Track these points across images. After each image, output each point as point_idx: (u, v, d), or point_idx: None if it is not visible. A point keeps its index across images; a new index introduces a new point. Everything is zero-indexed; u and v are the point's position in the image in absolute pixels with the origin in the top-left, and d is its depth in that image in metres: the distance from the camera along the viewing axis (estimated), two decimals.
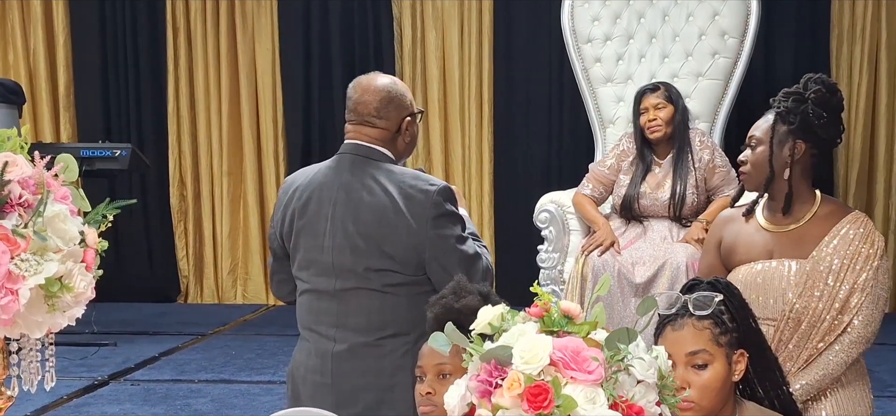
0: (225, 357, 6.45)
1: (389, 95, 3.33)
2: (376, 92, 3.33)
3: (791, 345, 3.25)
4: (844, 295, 3.22)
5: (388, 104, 3.32)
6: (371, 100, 3.32)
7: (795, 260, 3.27)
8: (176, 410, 5.31)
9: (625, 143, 5.47)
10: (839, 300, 3.22)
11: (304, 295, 3.39)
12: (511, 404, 1.86)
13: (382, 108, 3.32)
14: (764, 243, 3.33)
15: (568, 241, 5.51)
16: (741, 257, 3.35)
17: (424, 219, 3.22)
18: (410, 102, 3.41)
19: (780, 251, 3.30)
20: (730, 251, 3.38)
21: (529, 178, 7.72)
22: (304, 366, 3.35)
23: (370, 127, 3.33)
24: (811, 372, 3.24)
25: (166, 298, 8.39)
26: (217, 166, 8.30)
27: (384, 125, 3.33)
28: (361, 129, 3.34)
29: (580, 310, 1.99)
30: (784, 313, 3.24)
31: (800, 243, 3.29)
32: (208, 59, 8.20)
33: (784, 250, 3.30)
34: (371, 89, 3.34)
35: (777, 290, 3.27)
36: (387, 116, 3.33)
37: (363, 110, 3.33)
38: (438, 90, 7.85)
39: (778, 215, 3.32)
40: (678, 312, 2.55)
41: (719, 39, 6.17)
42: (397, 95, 3.35)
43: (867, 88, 7.45)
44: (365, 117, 3.32)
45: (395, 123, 3.35)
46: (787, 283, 3.27)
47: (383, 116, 3.32)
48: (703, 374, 2.51)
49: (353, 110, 3.36)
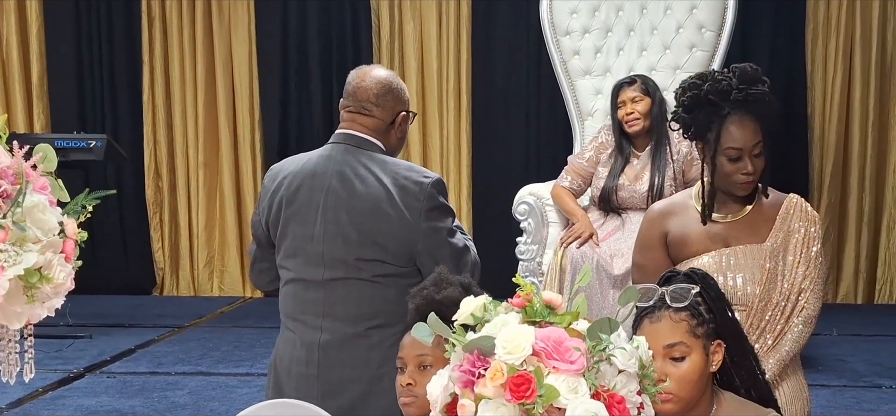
0: (202, 350, 6.43)
1: (390, 86, 3.37)
2: (377, 80, 3.36)
3: (760, 328, 3.31)
4: (801, 275, 3.31)
5: (387, 94, 3.35)
6: (371, 86, 3.34)
7: (753, 245, 3.32)
8: (153, 402, 5.30)
9: (603, 135, 5.49)
10: (798, 280, 3.31)
11: (290, 284, 3.37)
12: (494, 394, 1.87)
13: (381, 96, 3.34)
14: (718, 233, 3.36)
15: (547, 233, 5.52)
16: (695, 248, 3.37)
17: (418, 211, 3.23)
18: (407, 98, 3.44)
19: (736, 239, 3.34)
20: (680, 244, 3.38)
21: (507, 170, 7.73)
22: (289, 357, 3.32)
23: (366, 115, 3.34)
24: (781, 350, 3.29)
25: (142, 290, 8.36)
26: (193, 158, 8.26)
27: (380, 115, 3.34)
28: (357, 118, 3.35)
29: (562, 301, 2.00)
30: (751, 298, 3.28)
31: (752, 228, 3.34)
32: (184, 49, 8.16)
33: (740, 238, 3.34)
34: (372, 77, 3.37)
35: (740, 277, 3.31)
36: (384, 105, 3.34)
37: (362, 96, 3.34)
38: (416, 82, 7.84)
39: (728, 204, 3.34)
40: (655, 304, 2.56)
41: (697, 33, 6.19)
42: (397, 87, 3.39)
43: (841, 83, 7.50)
44: (363, 103, 3.33)
45: (390, 115, 3.36)
46: (749, 269, 3.31)
47: (380, 105, 3.34)
48: (681, 366, 2.52)
49: (351, 95, 3.36)
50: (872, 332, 6.74)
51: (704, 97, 3.22)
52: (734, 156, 3.22)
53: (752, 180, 3.27)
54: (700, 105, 3.24)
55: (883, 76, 7.51)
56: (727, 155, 3.23)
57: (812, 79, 7.52)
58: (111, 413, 5.12)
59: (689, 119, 3.27)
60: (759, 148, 3.25)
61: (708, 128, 3.24)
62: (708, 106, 3.23)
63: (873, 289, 7.69)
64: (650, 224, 3.46)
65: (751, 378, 2.70)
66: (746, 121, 3.23)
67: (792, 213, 3.34)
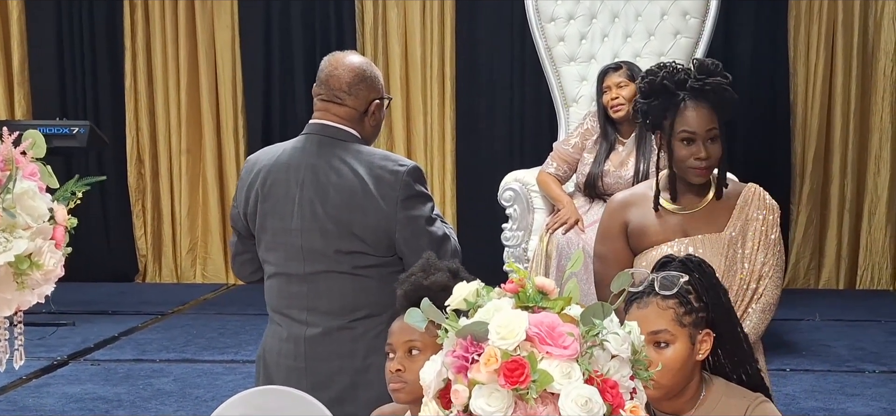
0: (186, 337, 6.42)
1: (363, 74, 3.32)
2: (350, 68, 3.31)
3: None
4: (760, 262, 3.32)
5: (360, 82, 3.31)
6: (343, 75, 3.30)
7: (712, 235, 3.34)
8: (138, 389, 5.29)
9: (589, 121, 5.50)
10: (757, 267, 3.32)
11: (274, 279, 3.36)
12: (488, 379, 1.87)
13: (354, 84, 3.30)
14: (677, 223, 3.37)
15: (532, 219, 5.53)
16: (654, 238, 3.38)
17: (394, 200, 3.22)
18: (381, 86, 3.40)
19: (694, 229, 3.35)
20: (640, 235, 3.39)
21: (492, 156, 7.73)
22: (277, 351, 3.32)
23: (339, 104, 3.30)
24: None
25: (124, 277, 8.33)
26: (176, 144, 8.23)
27: (352, 104, 3.30)
28: (329, 107, 3.31)
29: (555, 286, 2.00)
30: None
31: (711, 218, 3.35)
32: (166, 35, 8.12)
33: (698, 228, 3.35)
34: (344, 64, 3.32)
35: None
36: (356, 94, 3.30)
37: (334, 84, 3.30)
38: (400, 68, 7.82)
39: (687, 196, 3.35)
40: (645, 290, 2.57)
41: (681, 19, 6.21)
42: (370, 75, 3.34)
43: (824, 69, 7.52)
44: (335, 92, 3.30)
45: (363, 103, 3.32)
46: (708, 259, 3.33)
47: (353, 94, 3.30)
48: (665, 353, 2.53)
49: (324, 83, 3.33)
50: (854, 317, 6.78)
51: (660, 84, 3.24)
52: (688, 138, 3.23)
53: (707, 167, 3.28)
54: (656, 92, 3.26)
55: (865, 63, 7.53)
56: (681, 138, 3.23)
57: (794, 65, 7.54)
58: (96, 400, 5.11)
59: (646, 105, 3.29)
60: (715, 134, 3.25)
61: (664, 115, 3.26)
62: (664, 93, 3.25)
63: (855, 275, 7.73)
64: (611, 215, 3.46)
65: (742, 365, 2.71)
66: (701, 107, 3.24)
67: (750, 201, 3.36)
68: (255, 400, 2.81)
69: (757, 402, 2.63)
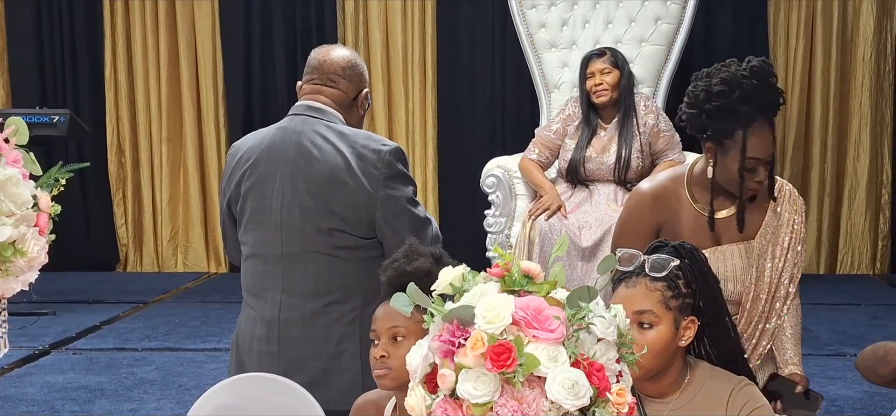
0: (168, 326, 6.40)
1: (355, 64, 3.40)
2: (343, 55, 3.40)
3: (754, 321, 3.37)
4: (791, 263, 3.37)
5: (353, 68, 3.38)
6: (338, 59, 3.37)
7: (743, 244, 3.36)
8: (121, 378, 5.27)
9: (571, 107, 5.51)
10: (787, 271, 3.36)
11: (250, 260, 3.35)
12: (474, 363, 1.87)
13: (348, 69, 3.36)
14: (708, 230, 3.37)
15: (515, 205, 5.54)
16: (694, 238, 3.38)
17: (376, 178, 3.22)
18: (368, 79, 3.49)
19: (727, 237, 3.36)
20: (671, 237, 3.39)
21: (473, 143, 7.73)
22: (250, 335, 3.31)
23: (332, 87, 3.34)
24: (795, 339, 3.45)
25: (105, 266, 8.31)
26: (156, 133, 8.20)
27: (346, 88, 3.36)
28: (322, 89, 3.35)
29: (540, 270, 2.01)
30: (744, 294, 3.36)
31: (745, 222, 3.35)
32: (146, 23, 8.08)
33: (731, 235, 3.36)
34: (338, 51, 3.41)
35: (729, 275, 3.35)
36: (350, 78, 3.37)
37: (329, 68, 3.35)
38: (381, 55, 7.81)
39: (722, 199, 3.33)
40: (635, 270, 2.59)
41: (661, 5, 6.22)
42: (362, 65, 3.43)
43: (803, 54, 7.55)
44: (330, 75, 3.35)
45: (355, 89, 3.38)
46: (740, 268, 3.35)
47: (347, 78, 3.36)
48: (648, 334, 2.54)
49: (317, 68, 3.36)
50: (835, 301, 6.80)
51: (733, 107, 3.15)
52: (751, 166, 3.20)
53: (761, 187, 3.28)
54: (725, 113, 3.16)
55: (844, 48, 7.56)
56: (747, 165, 3.19)
57: (774, 51, 7.55)
58: (79, 389, 5.10)
59: (709, 123, 3.19)
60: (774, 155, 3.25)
61: (727, 134, 3.18)
62: (732, 114, 3.16)
63: (835, 259, 7.76)
64: (641, 212, 3.40)
65: (729, 357, 2.72)
66: (766, 130, 3.19)
67: (783, 202, 3.37)
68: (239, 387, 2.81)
69: (741, 385, 2.64)
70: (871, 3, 7.46)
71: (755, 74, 3.18)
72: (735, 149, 3.18)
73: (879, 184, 7.67)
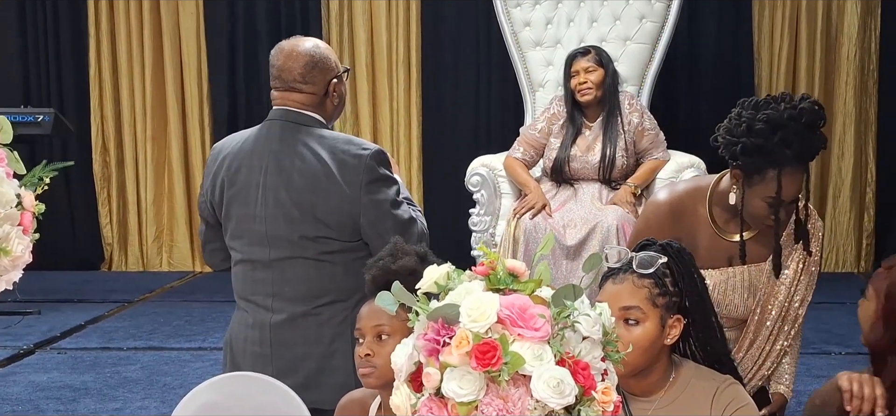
0: (153, 324, 6.39)
1: (313, 60, 3.31)
2: (300, 57, 3.30)
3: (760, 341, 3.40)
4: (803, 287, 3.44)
5: (312, 69, 3.30)
6: (295, 66, 3.29)
7: (755, 266, 3.40)
8: (105, 377, 5.26)
9: (555, 106, 5.51)
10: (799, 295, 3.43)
11: (239, 265, 3.36)
12: (459, 362, 1.87)
13: (307, 73, 3.29)
14: (725, 250, 3.39)
15: (499, 204, 5.54)
16: (702, 262, 3.39)
17: (358, 184, 3.22)
18: (335, 63, 3.38)
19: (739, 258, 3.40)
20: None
21: (458, 142, 7.72)
22: (243, 337, 3.33)
23: (297, 92, 3.30)
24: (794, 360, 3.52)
25: (90, 265, 8.28)
26: (141, 132, 8.17)
27: (311, 90, 3.31)
28: (288, 95, 3.31)
29: (525, 268, 2.01)
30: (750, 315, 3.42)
31: (759, 244, 3.39)
32: (130, 21, 8.06)
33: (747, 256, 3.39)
34: (294, 55, 3.30)
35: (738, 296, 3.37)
36: (313, 80, 3.30)
37: (288, 77, 3.30)
38: (366, 54, 7.80)
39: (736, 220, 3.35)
40: (622, 267, 2.59)
41: (646, 3, 6.22)
42: (321, 58, 3.32)
43: (788, 53, 7.55)
44: (290, 84, 3.30)
45: (321, 87, 3.33)
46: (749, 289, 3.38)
47: (309, 82, 3.30)
48: (634, 330, 2.55)
49: (277, 77, 3.33)
50: (820, 300, 6.76)
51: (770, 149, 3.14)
52: (773, 203, 3.20)
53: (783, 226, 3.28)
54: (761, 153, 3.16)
55: (828, 47, 7.57)
56: (769, 200, 3.20)
57: (759, 50, 7.56)
58: (63, 389, 5.08)
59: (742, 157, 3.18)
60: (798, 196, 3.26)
61: (757, 172, 3.19)
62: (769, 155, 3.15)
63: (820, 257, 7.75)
64: (661, 224, 3.39)
65: (715, 357, 2.73)
66: (798, 174, 3.20)
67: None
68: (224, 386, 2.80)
69: (726, 384, 2.65)
70: (856, 2, 7.47)
71: (803, 118, 3.15)
72: (762, 186, 3.18)
73: (864, 183, 7.69)
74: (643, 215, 3.55)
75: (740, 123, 3.19)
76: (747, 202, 3.24)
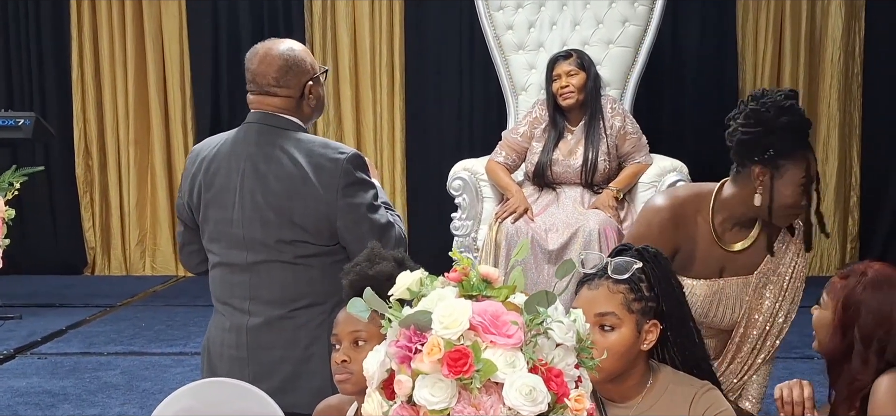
0: (134, 329, 6.35)
1: (287, 63, 3.28)
2: (273, 61, 3.28)
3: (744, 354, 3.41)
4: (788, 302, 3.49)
5: (286, 72, 3.28)
6: (268, 70, 3.27)
7: (741, 278, 3.42)
8: (85, 383, 5.23)
9: (537, 110, 5.50)
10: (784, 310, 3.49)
11: (217, 268, 3.35)
12: (431, 369, 1.86)
13: (281, 76, 3.27)
14: (717, 261, 3.39)
15: (481, 208, 5.52)
16: (695, 271, 3.41)
17: (334, 188, 3.20)
18: (311, 64, 3.35)
19: (731, 270, 3.42)
20: (682, 265, 3.40)
21: (441, 145, 7.71)
22: (220, 341, 3.32)
23: (272, 96, 3.29)
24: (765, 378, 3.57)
25: (73, 270, 8.23)
26: (124, 135, 8.14)
27: (285, 93, 3.29)
28: (264, 99, 3.30)
29: (499, 274, 1.99)
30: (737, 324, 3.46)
31: (750, 257, 3.42)
32: (113, 26, 8.02)
33: (736, 268, 3.42)
34: (268, 59, 3.28)
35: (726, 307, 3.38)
36: (287, 83, 3.29)
37: (262, 81, 3.28)
38: (349, 57, 7.78)
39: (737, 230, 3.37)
40: (598, 272, 2.58)
41: (629, 6, 6.20)
42: (296, 61, 3.30)
43: (772, 56, 7.55)
44: (265, 88, 3.28)
45: (296, 90, 3.31)
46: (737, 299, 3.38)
47: (284, 85, 3.28)
48: (609, 336, 2.54)
49: (252, 81, 3.31)
50: (804, 303, 6.76)
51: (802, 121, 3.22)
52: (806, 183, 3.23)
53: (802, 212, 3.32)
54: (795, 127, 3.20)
55: (812, 50, 7.57)
56: (802, 183, 3.22)
57: (743, 53, 7.56)
58: (42, 394, 5.05)
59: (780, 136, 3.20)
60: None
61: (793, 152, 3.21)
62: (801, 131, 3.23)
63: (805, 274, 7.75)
64: (663, 230, 3.38)
65: (693, 361, 2.72)
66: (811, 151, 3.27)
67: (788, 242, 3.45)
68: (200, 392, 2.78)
69: (704, 389, 2.64)
70: (840, 5, 7.47)
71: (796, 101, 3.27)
72: (794, 169, 3.21)
73: (848, 186, 7.69)
74: (643, 219, 3.50)
75: (766, 111, 3.22)
76: (778, 194, 3.24)
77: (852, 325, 2.73)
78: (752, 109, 3.25)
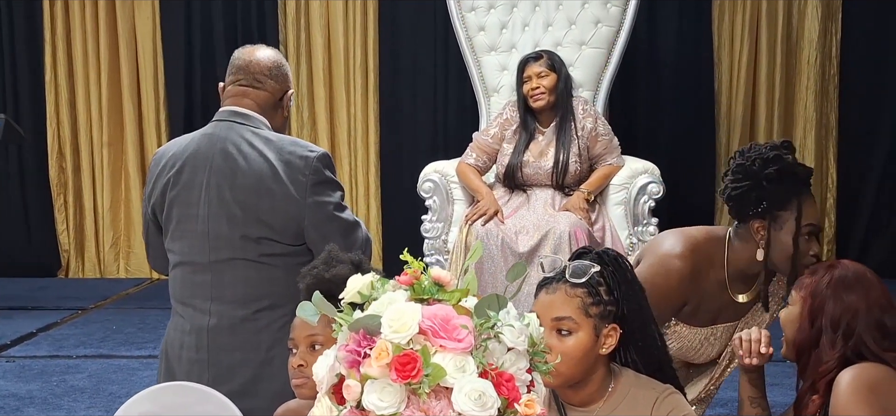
0: (104, 332, 6.31)
1: (278, 63, 3.37)
2: (268, 56, 3.37)
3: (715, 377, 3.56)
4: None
5: (279, 68, 3.35)
6: (263, 60, 3.34)
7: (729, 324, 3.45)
8: (51, 386, 5.18)
9: (508, 111, 5.47)
10: None
11: (178, 268, 3.31)
12: (379, 374, 1.83)
13: (275, 69, 3.34)
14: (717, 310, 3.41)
15: (452, 210, 5.49)
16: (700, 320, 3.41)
17: (304, 185, 3.19)
18: (292, 82, 3.44)
19: (724, 318, 3.44)
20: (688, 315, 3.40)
21: (414, 147, 7.68)
22: (179, 343, 3.27)
23: (259, 88, 3.31)
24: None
25: (47, 272, 8.17)
26: (97, 137, 8.08)
27: (272, 88, 3.32)
28: (248, 91, 3.31)
29: (451, 277, 1.96)
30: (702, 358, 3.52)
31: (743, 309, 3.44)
32: (86, 27, 7.97)
33: (728, 316, 3.44)
34: (263, 52, 3.38)
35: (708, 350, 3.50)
36: (277, 78, 3.34)
37: (255, 68, 3.32)
38: (323, 59, 7.75)
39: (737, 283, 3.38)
40: (556, 276, 2.54)
41: (602, 7, 6.17)
42: (284, 67, 3.40)
43: (748, 58, 7.53)
44: (256, 76, 3.31)
45: (281, 90, 3.35)
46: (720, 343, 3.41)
47: (274, 78, 3.33)
48: (566, 341, 2.50)
49: (242, 69, 3.33)
50: None
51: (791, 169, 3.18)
52: (814, 231, 3.21)
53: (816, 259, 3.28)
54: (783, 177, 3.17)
55: (789, 51, 7.56)
56: (808, 231, 3.20)
57: (719, 54, 7.55)
58: (7, 398, 5.00)
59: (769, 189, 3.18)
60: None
61: (786, 202, 3.19)
62: (790, 177, 3.18)
63: None
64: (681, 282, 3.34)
65: (655, 365, 2.69)
66: (813, 198, 3.26)
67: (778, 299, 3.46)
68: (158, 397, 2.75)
69: (666, 393, 2.61)
70: (816, 6, 7.46)
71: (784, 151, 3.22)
72: (791, 218, 3.19)
73: (824, 188, 7.68)
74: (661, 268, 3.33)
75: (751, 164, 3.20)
76: (781, 244, 3.21)
77: (820, 312, 2.74)
78: (738, 164, 3.24)
